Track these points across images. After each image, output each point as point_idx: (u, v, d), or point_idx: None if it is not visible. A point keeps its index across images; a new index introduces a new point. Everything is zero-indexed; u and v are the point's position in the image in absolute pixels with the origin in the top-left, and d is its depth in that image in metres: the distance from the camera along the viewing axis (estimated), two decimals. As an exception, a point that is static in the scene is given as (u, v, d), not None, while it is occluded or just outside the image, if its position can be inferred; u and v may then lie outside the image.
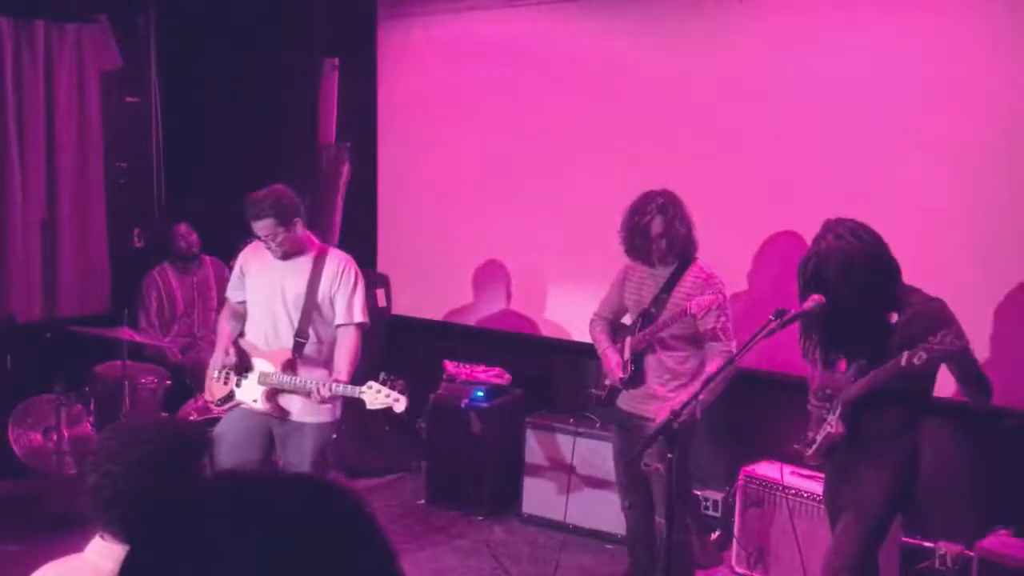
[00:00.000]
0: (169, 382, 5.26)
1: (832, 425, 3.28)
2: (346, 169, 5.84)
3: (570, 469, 4.92)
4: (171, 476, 1.83)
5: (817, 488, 4.12)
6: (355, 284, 3.96)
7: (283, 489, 0.83)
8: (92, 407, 5.20)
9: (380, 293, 5.98)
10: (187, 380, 4.62)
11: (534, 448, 5.08)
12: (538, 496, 5.06)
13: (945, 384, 3.35)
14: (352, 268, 3.98)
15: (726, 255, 4.12)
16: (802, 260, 3.29)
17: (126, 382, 4.95)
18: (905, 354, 3.00)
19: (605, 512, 4.78)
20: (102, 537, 1.87)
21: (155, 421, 2.74)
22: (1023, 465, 4.12)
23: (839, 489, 3.47)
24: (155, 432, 1.96)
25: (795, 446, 3.46)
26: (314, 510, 0.80)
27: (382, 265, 6.08)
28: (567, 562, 4.61)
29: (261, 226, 3.79)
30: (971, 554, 3.97)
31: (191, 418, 4.89)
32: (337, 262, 3.96)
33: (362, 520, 0.82)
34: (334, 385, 3.78)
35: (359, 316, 3.96)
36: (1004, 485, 4.17)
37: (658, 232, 3.81)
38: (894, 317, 3.18)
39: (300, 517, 0.78)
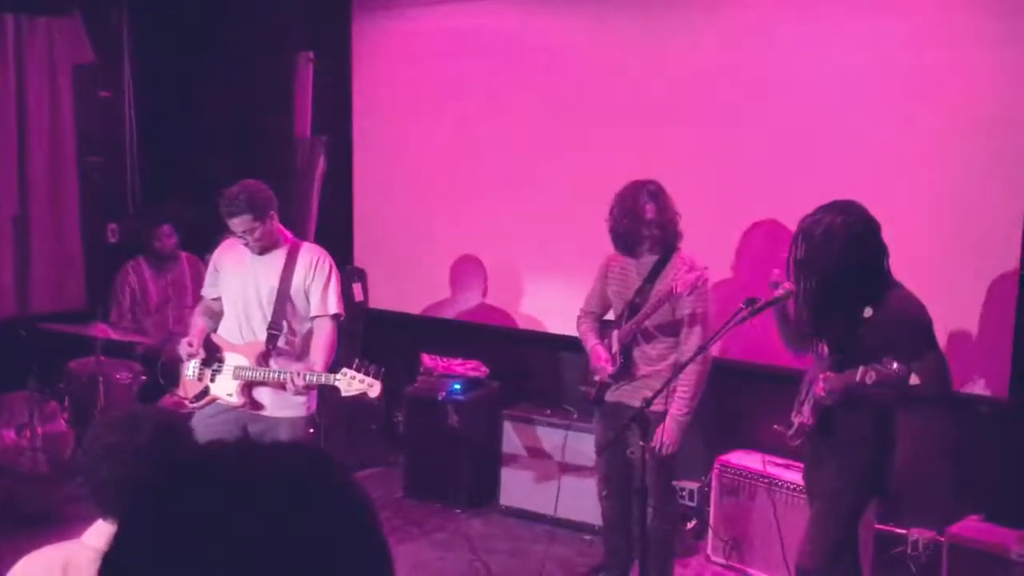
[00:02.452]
0: (144, 377, 5.23)
1: (804, 415, 3.30)
2: (321, 163, 5.83)
3: (548, 461, 4.94)
4: (170, 459, 1.84)
5: (792, 477, 4.16)
6: (329, 276, 3.96)
7: (279, 456, 0.83)
8: (66, 404, 5.16)
9: (356, 287, 5.97)
10: (160, 379, 4.56)
11: (512, 440, 5.10)
12: (516, 488, 5.07)
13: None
14: (327, 260, 3.99)
15: (704, 246, 4.15)
16: (793, 235, 3.26)
17: (100, 378, 4.92)
18: (860, 369, 2.97)
19: (583, 503, 4.80)
20: (105, 519, 1.88)
21: (142, 409, 2.74)
22: (996, 452, 4.17)
23: (813, 476, 3.50)
24: (149, 417, 1.98)
25: (776, 427, 3.47)
26: (312, 477, 0.80)
27: (358, 259, 6.07)
28: (545, 553, 4.63)
29: (237, 223, 3.78)
30: (942, 540, 4.02)
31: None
32: (311, 255, 3.96)
33: (352, 491, 0.83)
34: (308, 374, 3.78)
35: (334, 307, 3.96)
36: (977, 472, 4.23)
37: (652, 217, 3.83)
38: (868, 311, 3.17)
39: (297, 483, 0.78)
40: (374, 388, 3.74)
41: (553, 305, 4.95)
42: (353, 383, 3.72)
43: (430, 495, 5.21)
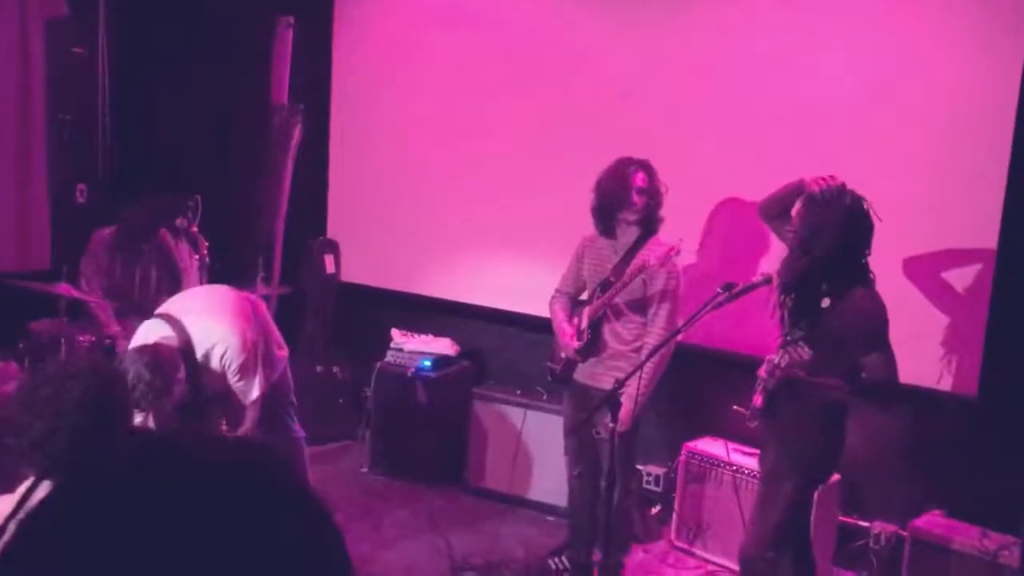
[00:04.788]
0: (109, 340, 5.12)
1: (756, 397, 3.29)
2: (297, 131, 5.71)
3: (515, 441, 4.91)
4: (109, 413, 1.77)
5: (754, 464, 4.16)
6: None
7: (222, 446, 0.79)
8: (26, 365, 5.05)
9: (329, 259, 5.91)
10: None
11: (480, 419, 5.06)
12: (482, 467, 5.04)
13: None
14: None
15: (676, 229, 4.12)
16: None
17: (63, 339, 4.82)
18: (780, 351, 3.09)
19: (548, 484, 4.79)
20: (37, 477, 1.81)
21: (76, 361, 2.65)
22: (962, 449, 4.19)
23: (761, 459, 3.52)
24: (83, 370, 1.90)
25: (736, 407, 3.46)
26: (251, 470, 0.76)
27: (332, 231, 5.99)
28: (508, 532, 4.61)
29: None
30: (904, 533, 4.03)
31: None
32: None
33: (298, 488, 0.78)
34: None
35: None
36: (942, 467, 4.24)
37: (640, 186, 3.81)
38: (826, 302, 3.15)
39: (237, 475, 0.74)
40: None
41: (529, 285, 4.91)
42: None
43: (395, 471, 5.17)
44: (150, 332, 3.48)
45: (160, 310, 3.67)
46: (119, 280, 5.15)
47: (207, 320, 3.52)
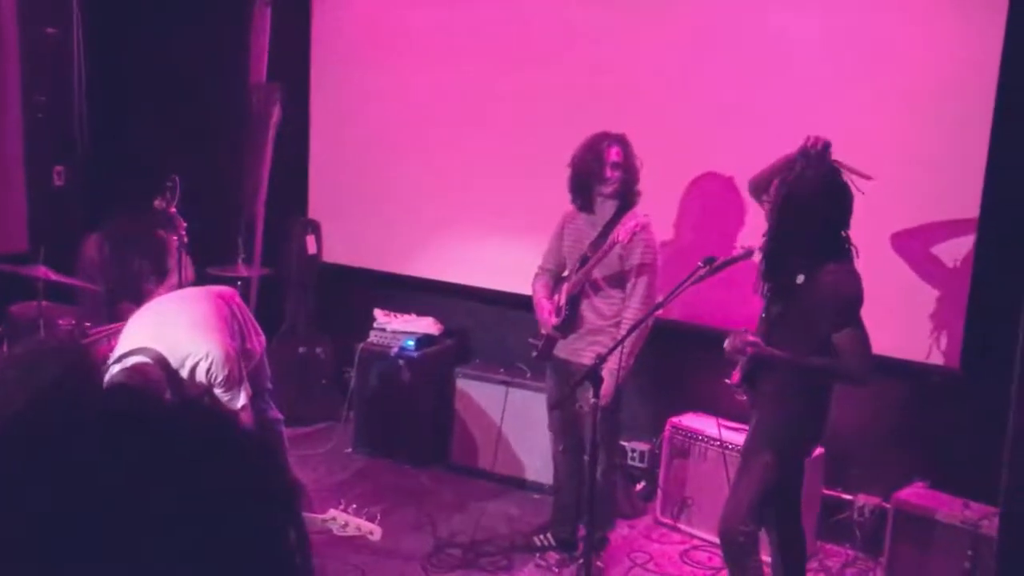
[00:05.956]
0: (88, 323, 5.07)
1: (734, 373, 3.28)
2: (277, 111, 5.66)
3: (499, 419, 4.90)
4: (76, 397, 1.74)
5: (740, 439, 4.16)
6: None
7: (180, 411, 0.77)
8: (5, 349, 5.00)
9: (310, 239, 5.87)
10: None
11: (464, 398, 5.05)
12: (466, 446, 5.03)
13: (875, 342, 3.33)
14: None
15: (655, 204, 4.11)
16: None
17: (42, 322, 4.77)
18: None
19: (532, 462, 4.79)
20: None
21: (48, 343, 2.61)
22: (945, 421, 4.20)
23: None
24: (55, 352, 1.86)
25: (726, 380, 3.43)
26: (210, 436, 0.74)
27: (313, 211, 5.94)
28: (493, 510, 4.61)
29: None
30: (887, 506, 4.05)
31: None
32: None
33: (259, 452, 0.76)
34: None
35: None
36: (926, 440, 4.26)
37: (615, 160, 3.80)
38: (800, 278, 3.14)
39: (196, 442, 0.72)
40: (375, 534, 3.34)
41: (511, 263, 4.89)
42: (348, 528, 3.34)
43: (380, 451, 5.16)
44: (132, 357, 3.44)
45: (137, 329, 3.59)
46: (109, 276, 5.13)
47: (187, 337, 3.50)
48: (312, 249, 5.85)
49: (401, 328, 5.27)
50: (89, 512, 0.63)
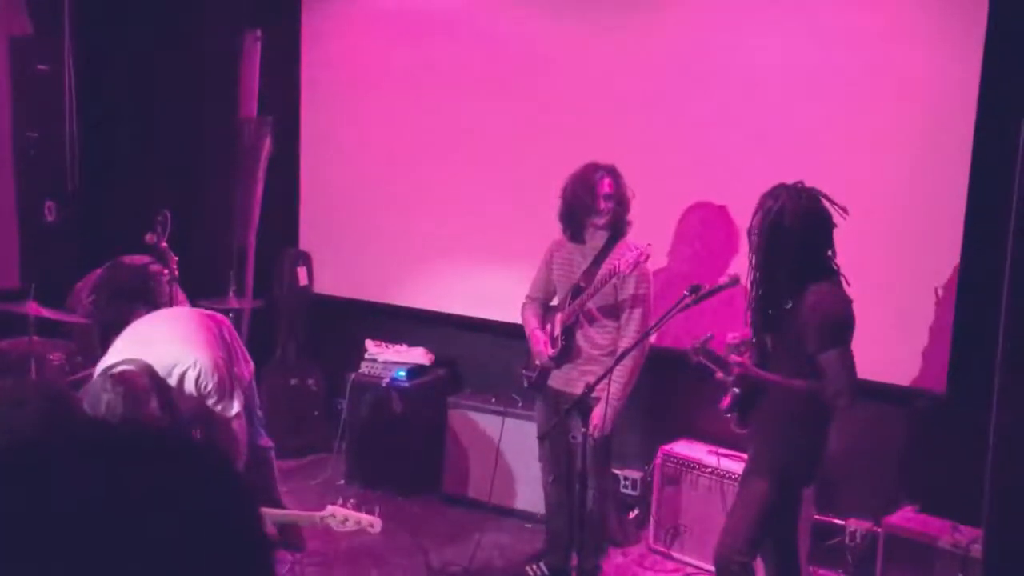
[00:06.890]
0: (80, 358, 5.08)
1: (724, 399, 3.30)
2: (267, 144, 5.71)
3: (492, 448, 4.90)
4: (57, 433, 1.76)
5: (734, 467, 4.18)
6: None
7: (152, 438, 0.79)
8: (-4, 384, 5.00)
9: (301, 271, 5.90)
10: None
11: (456, 428, 5.06)
12: (459, 475, 5.04)
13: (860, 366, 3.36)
14: None
15: (644, 233, 4.15)
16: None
17: (32, 358, 4.77)
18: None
19: (525, 492, 4.79)
20: None
21: (29, 381, 2.63)
22: (932, 444, 4.23)
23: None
24: (36, 390, 1.88)
25: (719, 405, 3.44)
26: (180, 464, 0.76)
27: (304, 242, 5.98)
28: (486, 540, 4.60)
29: None
30: (878, 530, 4.07)
31: None
32: None
33: (223, 477, 0.79)
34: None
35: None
36: (914, 463, 4.28)
37: (607, 192, 3.83)
38: (788, 304, 3.16)
39: (166, 469, 0.75)
40: (375, 526, 3.35)
41: (501, 292, 4.92)
42: (347, 523, 3.35)
43: (372, 482, 5.15)
44: (119, 366, 3.44)
45: (124, 344, 3.60)
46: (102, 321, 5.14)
47: (175, 347, 3.51)
48: (303, 280, 5.88)
49: (392, 359, 5.29)
50: (58, 548, 0.65)
